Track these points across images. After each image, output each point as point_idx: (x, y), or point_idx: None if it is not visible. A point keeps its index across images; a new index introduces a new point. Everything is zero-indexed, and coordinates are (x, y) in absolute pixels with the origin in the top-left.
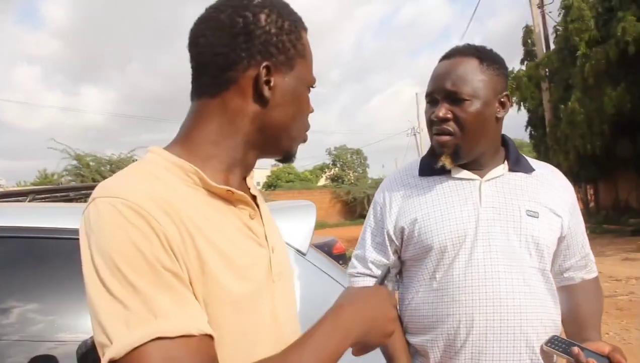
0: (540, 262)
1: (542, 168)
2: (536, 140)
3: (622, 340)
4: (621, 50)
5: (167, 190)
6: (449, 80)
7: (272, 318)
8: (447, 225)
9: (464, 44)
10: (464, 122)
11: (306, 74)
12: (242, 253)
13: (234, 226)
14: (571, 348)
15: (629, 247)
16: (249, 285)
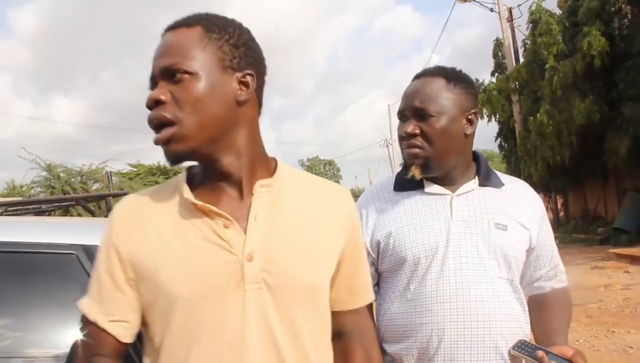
0: (508, 273)
1: (512, 183)
2: (506, 151)
3: (592, 346)
4: (587, 63)
5: (149, 206)
6: (417, 98)
7: (231, 326)
8: (419, 238)
9: (434, 66)
10: (431, 136)
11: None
12: (197, 259)
13: (202, 235)
14: (536, 352)
15: (597, 256)
16: (200, 289)
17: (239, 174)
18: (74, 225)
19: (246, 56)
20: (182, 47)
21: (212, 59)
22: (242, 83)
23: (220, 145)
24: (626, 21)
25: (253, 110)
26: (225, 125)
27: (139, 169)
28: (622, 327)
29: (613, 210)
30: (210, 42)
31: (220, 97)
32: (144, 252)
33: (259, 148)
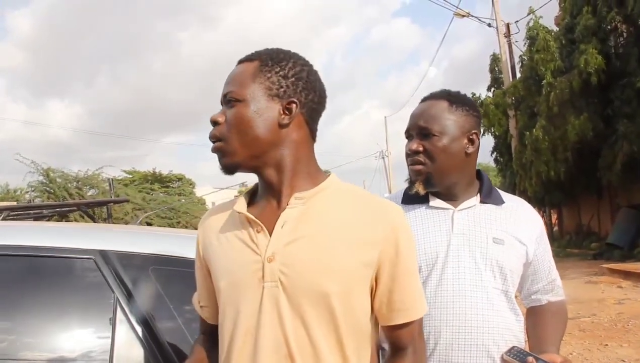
0: (503, 284)
1: (512, 201)
2: (502, 165)
3: (585, 360)
4: (584, 80)
5: (217, 215)
6: (421, 118)
7: (250, 314)
8: (422, 248)
9: (440, 90)
10: (433, 154)
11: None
12: (233, 257)
13: (241, 238)
14: (527, 358)
15: (591, 271)
16: (233, 282)
17: (279, 186)
18: (93, 231)
19: (294, 86)
20: (238, 78)
21: (260, 88)
22: (286, 109)
23: (263, 160)
24: (622, 39)
25: (298, 133)
26: (266, 144)
27: (133, 176)
28: (615, 340)
29: (606, 226)
30: (261, 74)
31: (263, 120)
32: (209, 251)
33: (304, 165)
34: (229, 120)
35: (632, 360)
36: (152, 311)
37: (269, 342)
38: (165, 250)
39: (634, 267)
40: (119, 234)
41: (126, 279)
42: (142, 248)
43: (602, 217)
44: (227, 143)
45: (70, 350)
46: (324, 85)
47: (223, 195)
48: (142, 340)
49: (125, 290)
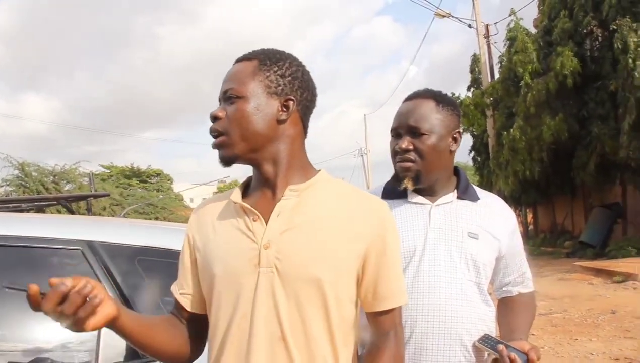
0: (476, 277)
1: (488, 197)
2: (479, 164)
3: (556, 353)
4: (560, 82)
5: (212, 204)
6: (411, 117)
7: (246, 298)
8: (400, 242)
9: (423, 89)
10: (422, 152)
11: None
12: (229, 244)
13: (237, 227)
14: (498, 345)
15: (564, 268)
16: (229, 267)
17: (275, 179)
18: (80, 222)
19: (291, 84)
20: (238, 76)
21: (260, 86)
22: (284, 106)
23: (261, 154)
24: (597, 43)
25: (294, 129)
26: (265, 139)
27: (111, 171)
28: (585, 335)
29: (580, 225)
30: (260, 73)
31: (263, 116)
32: (202, 240)
33: (297, 159)
34: (230, 116)
35: (600, 353)
36: (138, 301)
37: (264, 325)
38: (151, 241)
39: (604, 264)
40: (106, 225)
41: (113, 270)
42: (129, 239)
43: (576, 216)
44: (229, 137)
45: (56, 340)
46: (315, 84)
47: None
48: None
49: (112, 281)
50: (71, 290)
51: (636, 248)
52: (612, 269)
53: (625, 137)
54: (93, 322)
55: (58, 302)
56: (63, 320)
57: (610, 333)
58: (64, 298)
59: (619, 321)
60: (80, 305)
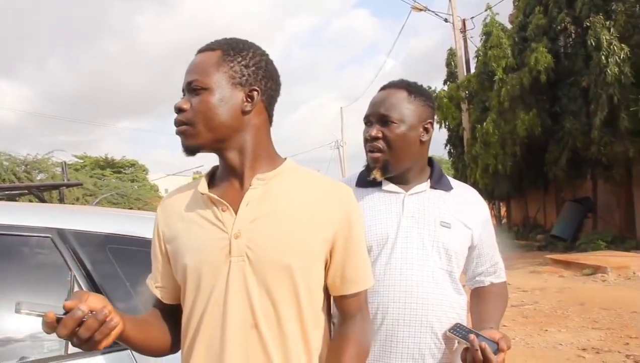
0: (448, 265)
1: (461, 187)
2: (454, 157)
3: (526, 344)
4: (534, 78)
5: (178, 196)
6: (382, 106)
7: (219, 287)
8: (373, 229)
9: (398, 79)
10: (391, 141)
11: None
12: (199, 235)
13: (206, 217)
14: (469, 335)
15: (535, 261)
16: (200, 258)
17: (241, 169)
18: (51, 210)
19: (255, 75)
20: (202, 67)
21: (224, 77)
22: (249, 96)
23: (226, 144)
24: (570, 40)
25: (259, 119)
26: (230, 129)
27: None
28: (554, 326)
29: (552, 219)
30: (225, 63)
31: (228, 107)
32: (171, 232)
33: (263, 149)
34: (195, 107)
35: (568, 344)
36: (109, 290)
37: (237, 313)
38: (122, 229)
39: (574, 257)
40: (77, 213)
41: (83, 258)
42: (99, 227)
43: (548, 210)
44: (193, 127)
45: (25, 329)
46: (279, 73)
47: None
48: None
49: (82, 269)
50: (87, 314)
51: (605, 242)
52: (582, 262)
53: (597, 133)
54: (105, 342)
55: (74, 328)
56: (76, 342)
57: (579, 324)
58: (80, 323)
59: (587, 312)
60: (97, 330)
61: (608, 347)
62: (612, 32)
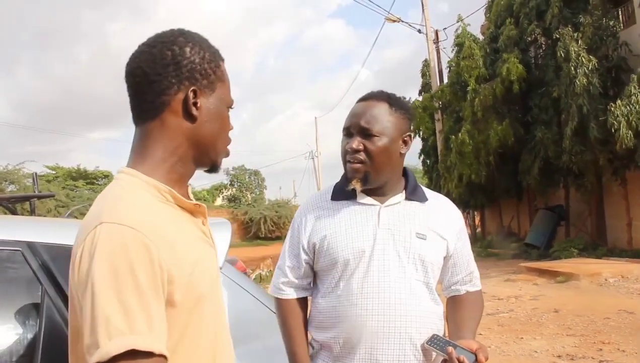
0: (425, 276)
1: (436, 198)
2: (428, 167)
3: (502, 352)
4: (506, 88)
5: (152, 211)
6: (363, 118)
7: (220, 303)
8: (350, 243)
9: (378, 90)
10: (372, 153)
11: (225, 96)
12: (204, 257)
13: (195, 234)
14: (446, 347)
15: (510, 269)
16: (209, 282)
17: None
18: (20, 223)
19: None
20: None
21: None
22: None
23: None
24: (541, 51)
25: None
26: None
27: (57, 172)
28: (529, 333)
29: (526, 227)
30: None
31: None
32: (181, 271)
33: None
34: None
35: (544, 351)
36: None
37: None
38: None
39: (548, 265)
40: (47, 226)
41: (55, 271)
42: (71, 240)
43: (522, 219)
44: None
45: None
46: None
47: None
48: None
49: (53, 283)
50: None
51: (578, 249)
52: (555, 269)
53: (568, 142)
54: None
55: None
56: None
57: (553, 331)
58: None
59: (561, 319)
60: None
61: (582, 353)
62: (580, 44)
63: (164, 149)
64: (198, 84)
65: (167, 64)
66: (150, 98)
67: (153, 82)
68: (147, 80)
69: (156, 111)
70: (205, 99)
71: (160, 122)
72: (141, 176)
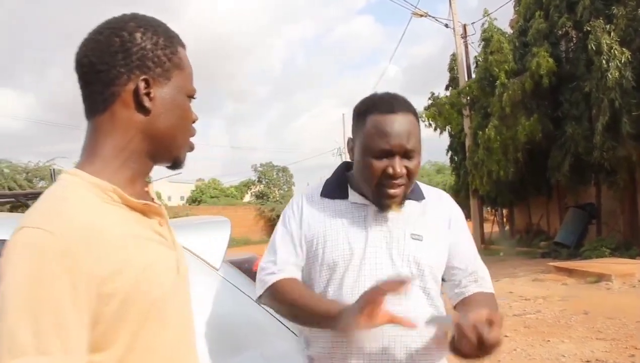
0: (421, 281)
1: (433, 195)
2: (456, 164)
3: (528, 355)
4: (535, 82)
5: (92, 213)
6: (405, 138)
7: (182, 308)
8: (340, 243)
9: (400, 99)
10: (413, 173)
11: (184, 84)
12: (158, 260)
13: (149, 236)
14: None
15: (538, 269)
16: (165, 287)
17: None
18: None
19: None
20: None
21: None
22: None
23: None
24: (572, 44)
25: None
26: None
27: None
28: (557, 336)
29: (555, 225)
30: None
31: None
32: (124, 270)
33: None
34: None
35: (571, 355)
36: None
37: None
38: None
39: (578, 264)
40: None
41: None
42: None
43: (551, 217)
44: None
45: None
46: None
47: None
48: None
49: None
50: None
51: (609, 249)
52: (585, 269)
53: (599, 138)
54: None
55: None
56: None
57: (582, 335)
58: None
59: (591, 322)
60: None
61: (613, 358)
62: (612, 37)
63: (115, 145)
64: (151, 72)
65: (115, 51)
66: (99, 89)
67: (100, 71)
68: (95, 70)
69: (105, 103)
70: (160, 88)
71: (110, 115)
72: (83, 175)
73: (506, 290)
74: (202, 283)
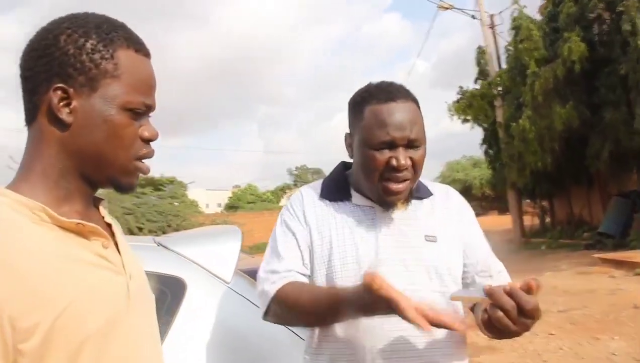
0: (441, 285)
1: (441, 191)
2: (491, 157)
3: (576, 354)
4: (568, 69)
5: (11, 241)
6: (408, 128)
7: (133, 340)
8: (348, 251)
9: (397, 85)
10: (418, 165)
11: (118, 94)
12: (98, 288)
13: (90, 260)
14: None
15: (583, 261)
16: (107, 315)
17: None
18: None
19: None
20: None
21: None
22: None
23: None
24: (605, 27)
25: None
26: None
27: None
28: (606, 333)
29: (598, 215)
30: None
31: None
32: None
33: None
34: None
35: (623, 353)
36: None
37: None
38: None
39: (626, 255)
40: None
41: None
42: None
43: (593, 207)
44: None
45: None
46: None
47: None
48: None
49: None
50: None
51: None
52: (634, 260)
53: (639, 123)
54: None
55: None
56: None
57: (634, 331)
58: None
59: None
60: None
61: None
62: None
63: (42, 161)
64: (71, 81)
65: (39, 56)
66: (26, 97)
67: (26, 78)
68: (22, 75)
69: (31, 114)
70: (83, 100)
71: (37, 128)
72: (11, 194)
73: (550, 285)
74: (213, 298)
